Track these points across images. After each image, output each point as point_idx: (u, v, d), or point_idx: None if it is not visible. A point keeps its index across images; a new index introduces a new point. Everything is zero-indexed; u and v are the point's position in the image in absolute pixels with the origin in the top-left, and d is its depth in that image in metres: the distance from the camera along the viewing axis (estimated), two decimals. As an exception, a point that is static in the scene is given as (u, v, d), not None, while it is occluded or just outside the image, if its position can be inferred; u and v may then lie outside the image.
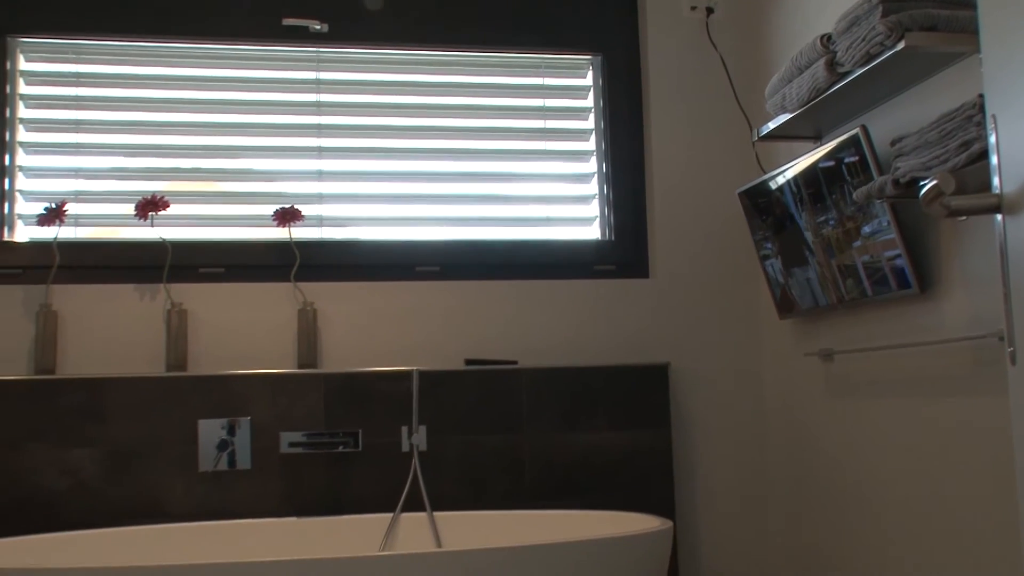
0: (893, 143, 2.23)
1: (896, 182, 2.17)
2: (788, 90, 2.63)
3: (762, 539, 3.32)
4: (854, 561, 2.78)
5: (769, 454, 3.32)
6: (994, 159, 1.40)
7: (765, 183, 2.89)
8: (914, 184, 2.14)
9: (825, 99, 2.49)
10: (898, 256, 2.37)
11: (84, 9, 3.35)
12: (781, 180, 2.79)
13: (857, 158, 2.41)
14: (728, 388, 3.36)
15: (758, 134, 2.87)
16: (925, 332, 2.43)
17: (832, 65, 2.39)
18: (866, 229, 2.47)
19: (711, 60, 3.40)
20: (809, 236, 2.73)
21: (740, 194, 3.04)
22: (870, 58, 2.20)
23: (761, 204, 2.94)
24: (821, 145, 2.60)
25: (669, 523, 2.56)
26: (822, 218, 2.64)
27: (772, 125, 2.77)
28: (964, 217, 2.22)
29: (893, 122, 2.47)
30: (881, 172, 2.31)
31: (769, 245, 2.97)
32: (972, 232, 2.23)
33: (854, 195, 2.39)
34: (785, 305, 3.02)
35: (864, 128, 2.36)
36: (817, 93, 2.49)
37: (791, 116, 2.66)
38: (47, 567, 2.32)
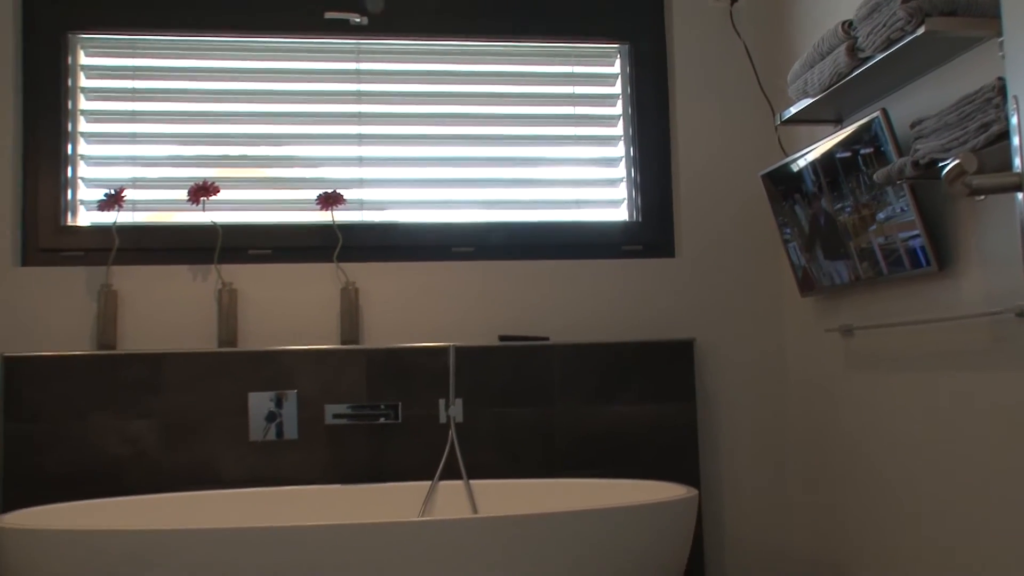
0: (913, 125, 2.20)
1: (916, 163, 2.15)
2: (810, 75, 2.60)
3: (783, 507, 3.31)
4: (873, 529, 2.77)
5: (790, 426, 3.30)
6: (1015, 140, 1.39)
7: (787, 166, 2.87)
8: (933, 165, 2.12)
9: (846, 84, 2.46)
10: (916, 236, 2.34)
11: (140, 6, 3.36)
12: (802, 163, 2.77)
13: (876, 140, 2.39)
14: (751, 363, 3.34)
15: (780, 119, 2.84)
16: (943, 308, 2.40)
17: (853, 51, 2.36)
18: (881, 215, 2.45)
19: (735, 48, 3.37)
20: (830, 216, 2.70)
21: (763, 176, 3.02)
22: (891, 43, 2.17)
23: (783, 186, 2.91)
24: (842, 128, 2.57)
25: (694, 491, 2.56)
26: (842, 198, 2.62)
27: (794, 109, 2.74)
28: (982, 197, 2.20)
29: (913, 105, 2.44)
30: (901, 154, 2.29)
31: (790, 226, 2.95)
32: (989, 212, 2.20)
33: (874, 176, 2.37)
34: (806, 283, 2.99)
35: (884, 111, 2.34)
36: (838, 78, 2.46)
37: (813, 101, 2.63)
38: (112, 529, 2.35)
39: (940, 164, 2.10)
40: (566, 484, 3.06)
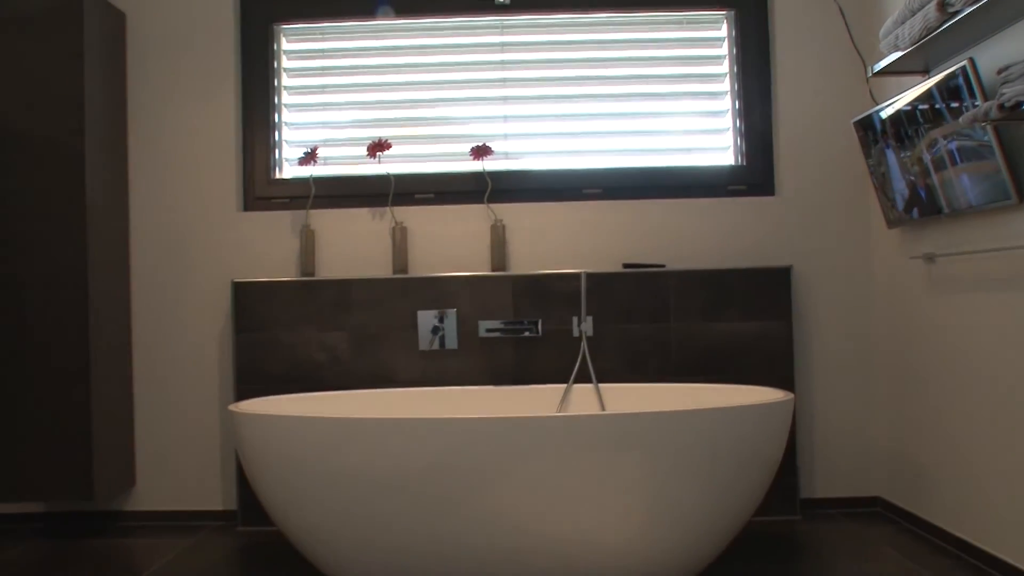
0: (1000, 72, 2.08)
1: (1001, 106, 2.03)
2: (901, 31, 2.49)
3: (867, 411, 3.24)
4: (947, 431, 2.70)
5: (875, 341, 3.23)
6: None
7: (877, 112, 2.76)
8: (1018, 108, 2.00)
9: (935, 36, 2.34)
10: (998, 172, 2.23)
11: (327, 0, 3.46)
12: (892, 109, 2.66)
13: (964, 86, 2.26)
14: (841, 287, 3.26)
15: (872, 71, 2.73)
16: (1022, 237, 2.29)
17: (943, 5, 2.24)
18: (965, 154, 2.32)
19: (830, 9, 3.23)
20: (917, 156, 2.59)
21: (855, 123, 2.91)
22: (979, -3, 2.05)
23: (873, 130, 2.81)
24: (930, 77, 2.46)
25: (791, 395, 2.53)
26: (928, 139, 2.50)
27: (886, 62, 2.63)
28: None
29: (998, 54, 2.29)
30: (987, 98, 2.16)
31: (879, 166, 2.84)
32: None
33: (960, 119, 2.26)
34: (893, 216, 2.89)
35: (971, 60, 2.21)
36: (928, 32, 2.34)
37: (903, 53, 2.51)
38: (317, 416, 2.45)
39: (1024, 104, 1.99)
40: (680, 388, 3.05)
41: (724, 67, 3.40)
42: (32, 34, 3.09)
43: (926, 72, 2.64)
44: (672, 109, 3.41)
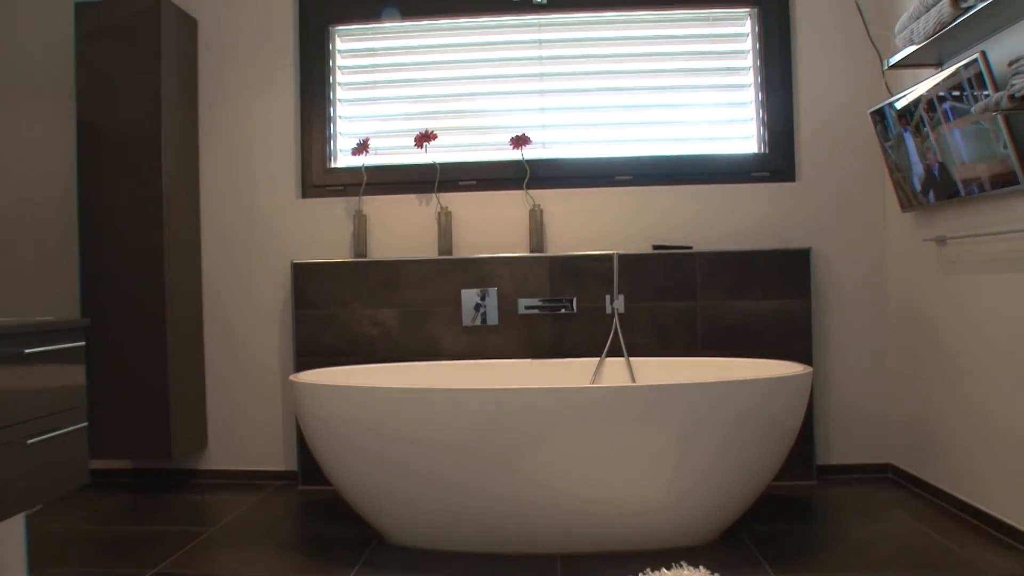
0: (1011, 63, 2.07)
1: (1011, 97, 2.03)
2: (915, 26, 2.47)
3: (881, 383, 3.22)
4: (956, 402, 2.69)
5: (889, 318, 3.21)
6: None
7: (892, 103, 2.74)
8: (1027, 97, 2.00)
9: (948, 31, 2.32)
10: (1008, 158, 2.21)
11: (377, 3, 3.44)
12: (907, 100, 2.64)
13: (975, 78, 2.24)
14: (858, 267, 3.24)
15: (888, 64, 2.71)
16: (1028, 219, 2.28)
17: (956, 1, 2.23)
18: (977, 142, 2.31)
19: (847, 6, 3.18)
20: (930, 144, 2.57)
21: (871, 113, 2.89)
22: (990, -7, 2.04)
23: (888, 120, 2.78)
24: (943, 70, 2.44)
25: (809, 369, 2.54)
26: (941, 128, 2.48)
27: (901, 55, 2.61)
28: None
29: (1009, 47, 2.27)
30: (997, 89, 2.15)
31: (894, 153, 2.83)
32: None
33: (972, 109, 2.25)
34: (906, 201, 2.88)
35: (983, 53, 2.20)
36: (941, 26, 2.33)
37: (917, 47, 2.49)
38: (369, 386, 2.50)
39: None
40: (705, 361, 3.05)
41: (748, 61, 3.37)
42: (118, 41, 3.17)
43: (939, 65, 2.62)
44: (699, 100, 3.39)
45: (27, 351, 1.86)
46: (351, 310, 3.30)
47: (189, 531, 2.76)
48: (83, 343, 2.09)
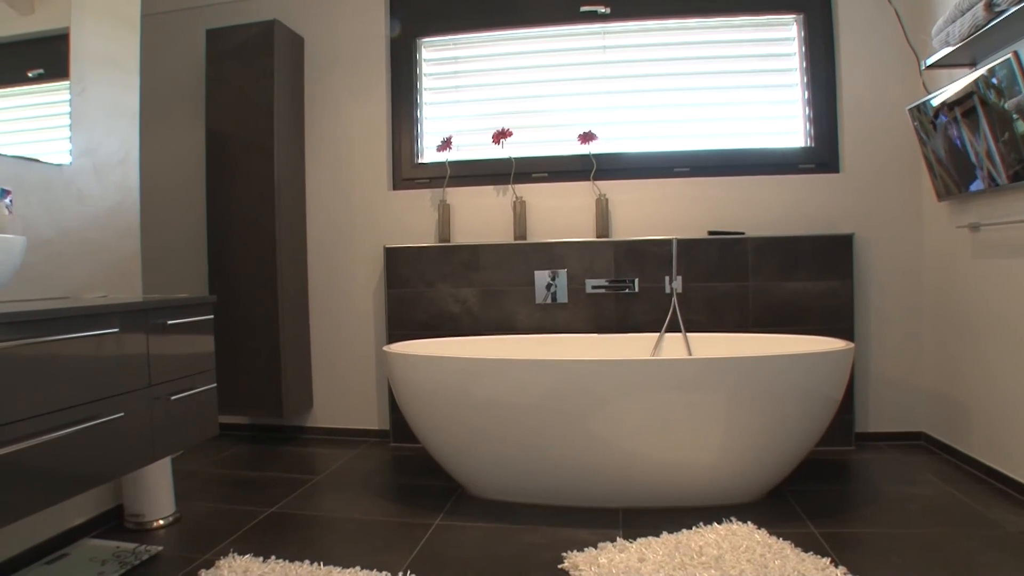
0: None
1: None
2: (951, 29, 2.47)
3: (917, 358, 3.19)
4: (986, 375, 2.68)
5: (925, 299, 3.18)
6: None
7: (929, 100, 2.72)
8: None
9: (982, 33, 2.32)
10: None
11: (457, 17, 3.50)
12: (943, 97, 2.63)
13: (1008, 77, 2.24)
14: (897, 252, 3.21)
15: (925, 64, 2.69)
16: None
17: (990, 5, 2.22)
18: (1008, 136, 2.30)
19: (886, 12, 3.16)
20: (965, 138, 2.56)
21: (909, 109, 2.88)
22: (1022, -1, 2.03)
23: (926, 116, 2.76)
24: (977, 69, 2.43)
25: (851, 344, 2.51)
26: (976, 124, 2.47)
27: (937, 56, 2.59)
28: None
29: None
30: (1026, 88, 2.15)
31: (931, 147, 2.81)
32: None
33: (1006, 104, 2.24)
34: (943, 190, 2.85)
35: (1016, 53, 2.19)
36: (976, 29, 2.32)
37: (953, 49, 2.49)
38: (453, 356, 2.56)
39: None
40: (755, 337, 3.03)
41: (794, 62, 3.35)
42: (239, 59, 3.31)
43: (974, 65, 2.60)
44: (750, 99, 3.37)
45: (169, 322, 1.97)
46: (436, 289, 3.34)
47: (298, 478, 2.89)
48: (212, 316, 2.15)
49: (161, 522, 2.46)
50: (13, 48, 2.10)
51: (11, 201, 1.99)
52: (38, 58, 2.20)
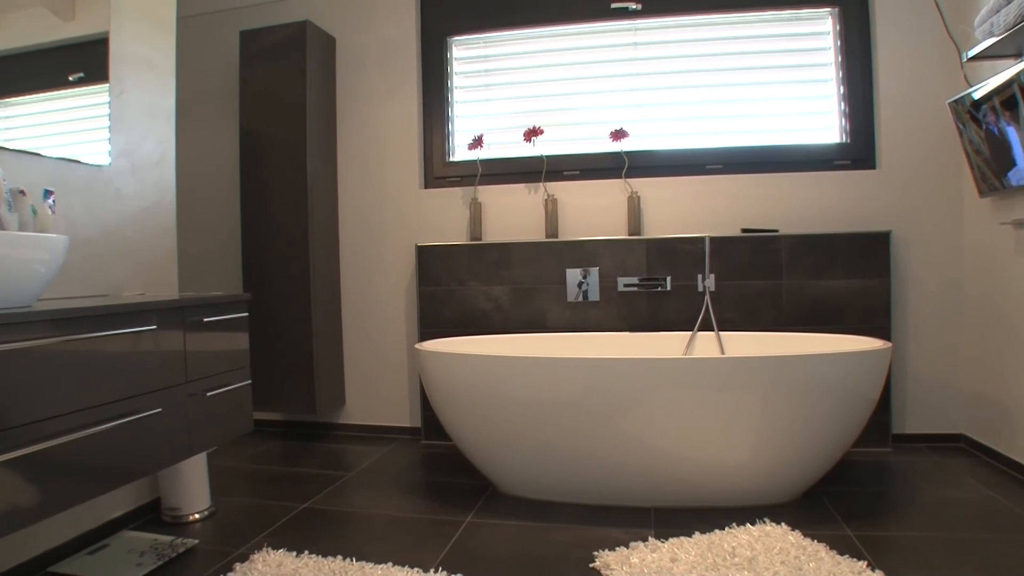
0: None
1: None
2: (995, 19, 2.42)
3: (955, 357, 3.14)
4: (1035, 372, 2.65)
5: (963, 296, 3.12)
6: None
7: (971, 93, 2.67)
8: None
9: (1027, 25, 2.26)
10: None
11: (488, 15, 3.51)
12: (986, 90, 2.57)
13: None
14: (935, 249, 3.16)
15: (967, 56, 2.63)
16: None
17: (1037, -4, 2.18)
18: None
19: (926, 2, 3.09)
20: (1008, 132, 2.51)
21: (950, 103, 2.83)
22: (1068, -10, 1.99)
23: (967, 110, 2.71)
24: (1022, 60, 2.38)
25: (889, 344, 2.48)
26: (1019, 117, 2.41)
27: (980, 47, 2.53)
28: None
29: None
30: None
31: (972, 142, 2.76)
32: None
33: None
34: (984, 186, 2.80)
35: (1060, 46, 2.16)
36: (1022, 19, 2.26)
37: (997, 39, 2.43)
38: (484, 354, 2.59)
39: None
40: (790, 336, 3.01)
41: (830, 57, 3.31)
42: (272, 60, 3.35)
43: (1019, 55, 2.54)
44: (784, 94, 3.34)
45: (206, 320, 2.00)
46: (468, 287, 3.35)
47: (331, 474, 2.92)
48: (246, 314, 2.17)
49: (197, 516, 2.51)
50: (56, 53, 2.16)
51: (54, 201, 2.04)
52: (79, 62, 2.25)
